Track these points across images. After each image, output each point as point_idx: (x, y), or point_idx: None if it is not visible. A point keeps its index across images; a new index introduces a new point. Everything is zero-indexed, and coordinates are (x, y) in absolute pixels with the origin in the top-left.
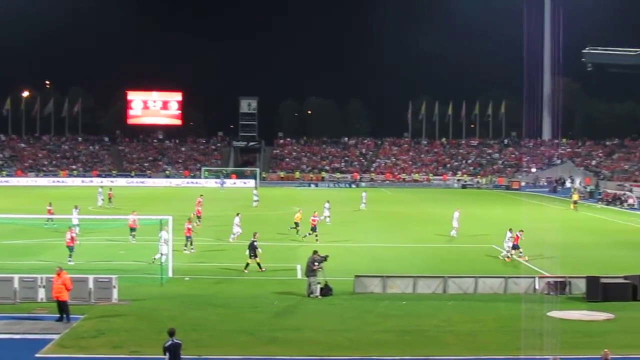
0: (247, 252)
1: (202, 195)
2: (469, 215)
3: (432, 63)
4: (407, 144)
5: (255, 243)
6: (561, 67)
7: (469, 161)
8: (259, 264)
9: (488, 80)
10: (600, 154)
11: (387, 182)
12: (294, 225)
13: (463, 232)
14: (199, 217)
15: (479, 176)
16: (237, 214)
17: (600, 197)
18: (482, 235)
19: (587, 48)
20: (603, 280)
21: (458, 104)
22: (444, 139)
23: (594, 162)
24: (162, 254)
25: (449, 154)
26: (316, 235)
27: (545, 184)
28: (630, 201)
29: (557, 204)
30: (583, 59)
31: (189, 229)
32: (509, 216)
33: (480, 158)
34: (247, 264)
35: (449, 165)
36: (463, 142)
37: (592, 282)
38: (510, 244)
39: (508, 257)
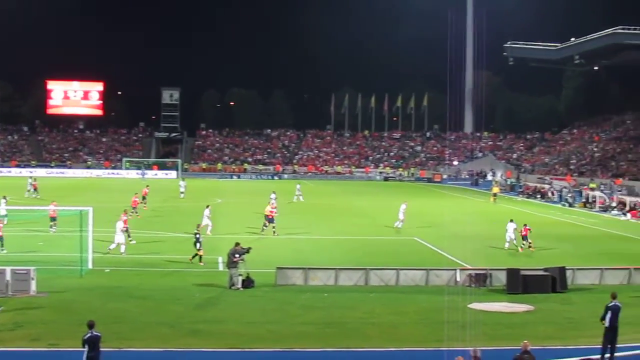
0: (197, 245)
1: (148, 186)
2: (391, 207)
3: (355, 55)
4: (329, 136)
5: (197, 235)
6: (483, 60)
7: (392, 154)
8: (200, 257)
9: (411, 74)
10: (521, 148)
11: (310, 174)
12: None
13: (385, 224)
14: (134, 209)
15: (401, 169)
16: (207, 206)
17: (521, 190)
18: (404, 227)
19: (508, 42)
20: (523, 273)
21: (381, 97)
22: (366, 132)
23: (515, 156)
24: (118, 244)
25: (371, 146)
26: (273, 227)
27: (467, 176)
28: (550, 194)
29: (477, 197)
30: (505, 53)
31: (125, 220)
32: (430, 209)
33: (403, 151)
34: (200, 256)
35: (371, 157)
36: (385, 134)
37: (513, 274)
38: (514, 235)
39: (521, 247)
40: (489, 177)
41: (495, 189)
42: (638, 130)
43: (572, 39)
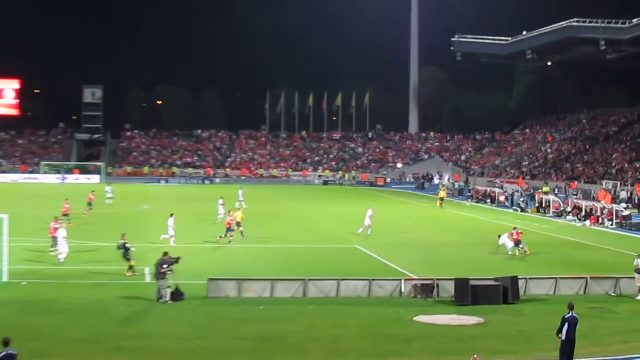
0: (127, 255)
1: (93, 192)
2: (331, 213)
3: (292, 51)
4: (264, 137)
5: (126, 245)
6: (429, 56)
7: (331, 156)
8: (131, 267)
9: (352, 70)
10: (470, 149)
11: (244, 178)
12: (236, 227)
13: (325, 232)
14: (65, 216)
15: (341, 172)
16: (172, 215)
17: (470, 194)
18: (345, 235)
19: (456, 36)
20: (472, 283)
21: (319, 95)
22: (304, 132)
23: (463, 157)
24: (57, 251)
25: (309, 148)
26: (231, 237)
27: (412, 180)
28: (502, 198)
29: (423, 202)
30: (452, 48)
31: (55, 229)
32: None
33: (343, 153)
34: (131, 267)
35: (309, 160)
36: (325, 135)
37: (461, 284)
38: (510, 243)
39: (526, 251)
40: (436, 181)
41: (442, 193)
42: (594, 130)
43: (524, 33)
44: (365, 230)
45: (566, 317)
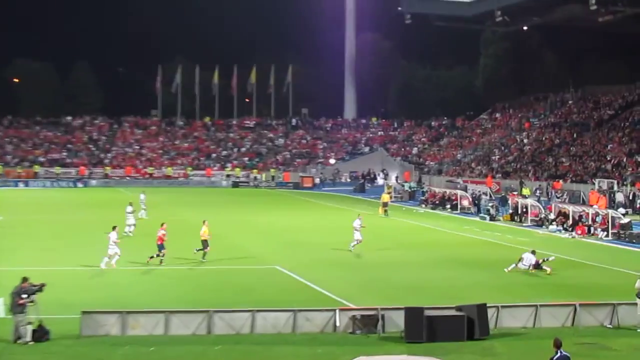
0: None
1: None
2: (243, 224)
3: (190, 13)
4: (156, 125)
5: None
6: (370, 20)
7: (243, 149)
8: None
9: (269, 39)
10: (423, 139)
11: (128, 178)
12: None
13: (235, 248)
14: None
15: (256, 170)
16: (114, 228)
17: (423, 197)
18: (261, 252)
19: None
20: (428, 313)
21: (227, 71)
22: (207, 119)
23: (415, 150)
24: None
25: (214, 139)
26: (162, 256)
27: (349, 180)
28: (465, 203)
29: (364, 208)
30: (400, 9)
31: None
32: (298, 225)
33: (259, 145)
34: None
35: (215, 155)
36: (234, 122)
37: (413, 315)
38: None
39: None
40: (380, 181)
41: (386, 197)
42: (583, 113)
43: None
44: (356, 245)
45: (554, 358)
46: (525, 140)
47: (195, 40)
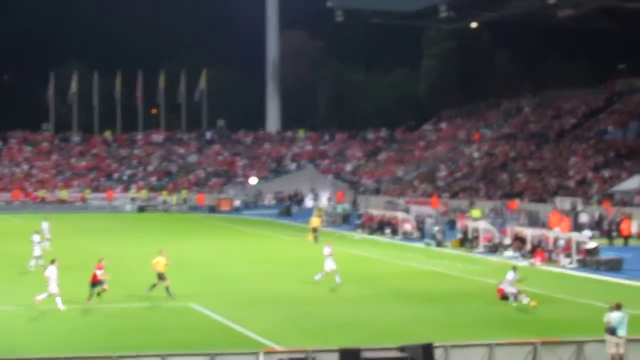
0: None
1: None
2: (151, 255)
3: (86, 11)
4: (48, 141)
5: None
6: (296, 17)
7: (150, 168)
8: None
9: (179, 39)
10: (358, 154)
11: (16, 203)
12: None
13: (142, 283)
14: None
15: (165, 192)
16: (52, 262)
17: (359, 221)
18: (173, 288)
19: None
20: (366, 355)
21: (131, 77)
22: (108, 133)
23: (349, 167)
24: None
25: (116, 157)
26: (98, 292)
27: (274, 202)
28: (407, 227)
29: (290, 234)
30: (329, 4)
31: None
32: (214, 256)
33: (169, 163)
34: None
35: (117, 175)
36: (140, 137)
37: (349, 357)
38: (514, 288)
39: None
40: (309, 202)
41: (315, 221)
42: (542, 122)
43: None
44: (330, 277)
45: None
46: (476, 154)
47: (92, 42)
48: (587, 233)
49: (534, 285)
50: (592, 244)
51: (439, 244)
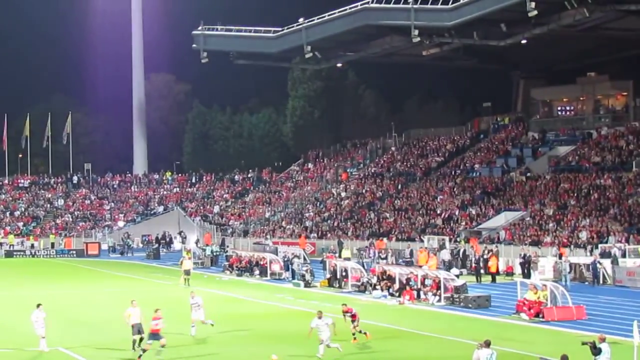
0: None
1: None
2: (18, 300)
3: None
4: None
5: None
6: (161, 58)
7: (17, 213)
8: None
9: (45, 84)
10: (225, 195)
11: None
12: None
13: (11, 330)
14: None
15: (33, 237)
16: (38, 306)
17: (228, 263)
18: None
19: (199, 28)
20: None
21: None
22: None
23: (216, 209)
24: None
25: None
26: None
27: (142, 245)
28: (275, 267)
29: (160, 277)
30: (194, 45)
31: None
32: (81, 298)
33: (36, 207)
34: None
35: None
36: (6, 182)
37: None
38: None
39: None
40: (177, 245)
41: (188, 264)
42: (408, 161)
43: (301, 20)
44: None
45: None
46: (343, 194)
47: None
48: (454, 271)
49: (403, 324)
50: (459, 282)
51: (307, 284)
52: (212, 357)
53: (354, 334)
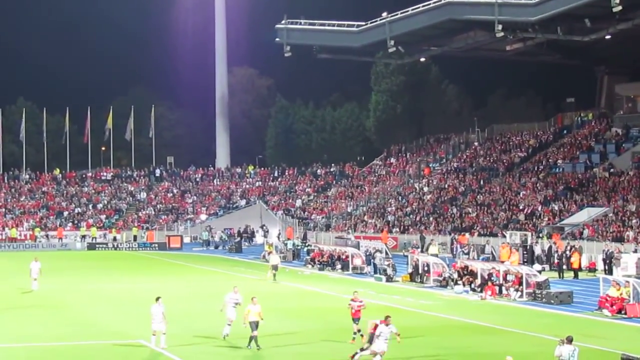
0: None
1: None
2: (101, 293)
3: (35, 52)
4: None
5: None
6: (244, 53)
7: (100, 206)
8: None
9: (126, 77)
10: (307, 190)
11: None
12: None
13: (94, 323)
14: None
15: (115, 230)
16: (157, 299)
17: (310, 257)
18: (124, 326)
19: (282, 22)
20: None
21: (79, 114)
22: (57, 171)
23: (298, 203)
24: None
25: (66, 194)
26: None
27: (224, 238)
28: (357, 262)
29: (243, 271)
30: (277, 39)
31: None
32: (164, 291)
33: (118, 200)
34: None
35: (67, 213)
36: (89, 174)
37: None
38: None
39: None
40: (260, 239)
41: (275, 259)
42: (491, 156)
43: (384, 15)
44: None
45: None
46: (425, 189)
47: (41, 80)
48: (537, 267)
49: (485, 319)
50: (542, 278)
51: (389, 279)
52: (304, 354)
53: (354, 334)
